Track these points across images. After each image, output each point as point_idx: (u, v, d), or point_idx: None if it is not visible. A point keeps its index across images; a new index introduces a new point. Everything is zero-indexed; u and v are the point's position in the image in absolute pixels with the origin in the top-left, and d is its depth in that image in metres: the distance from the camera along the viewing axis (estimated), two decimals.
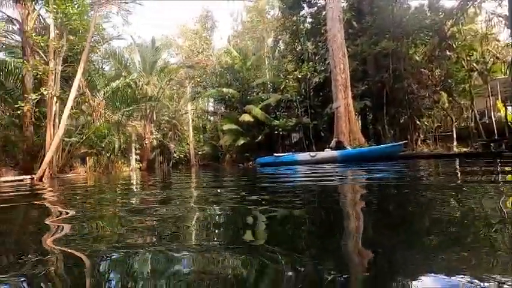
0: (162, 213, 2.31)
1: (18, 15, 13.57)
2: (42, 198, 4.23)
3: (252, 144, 19.28)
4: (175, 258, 1.23)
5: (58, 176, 11.85)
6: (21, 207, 3.40)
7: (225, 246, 1.38)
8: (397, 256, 1.15)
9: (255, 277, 1.00)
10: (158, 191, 4.54)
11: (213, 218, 2.06)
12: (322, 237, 1.45)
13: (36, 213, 2.91)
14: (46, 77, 12.05)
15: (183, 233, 1.73)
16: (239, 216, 2.08)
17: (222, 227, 1.86)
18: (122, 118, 18.26)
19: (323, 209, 2.21)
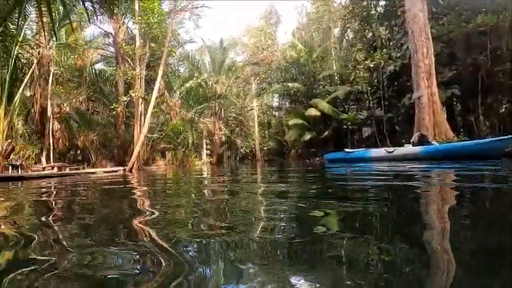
0: (231, 204, 2.33)
1: (112, 29, 15.80)
2: (132, 185, 4.80)
3: (318, 139, 18.67)
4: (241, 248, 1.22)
5: (143, 168, 13.48)
6: (118, 192, 3.89)
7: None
8: None
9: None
10: (227, 183, 4.69)
11: (281, 212, 1.96)
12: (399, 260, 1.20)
13: (127, 196, 3.29)
14: (133, 81, 13.75)
15: (252, 223, 1.69)
16: (307, 212, 1.93)
17: (290, 221, 1.74)
18: (195, 116, 19.71)
19: (405, 216, 1.89)
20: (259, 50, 28.22)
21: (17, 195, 4.07)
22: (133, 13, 13.99)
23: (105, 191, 4.38)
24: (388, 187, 3.24)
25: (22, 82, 10.49)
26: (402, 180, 3.91)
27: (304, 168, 9.08)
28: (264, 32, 29.65)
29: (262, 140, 29.19)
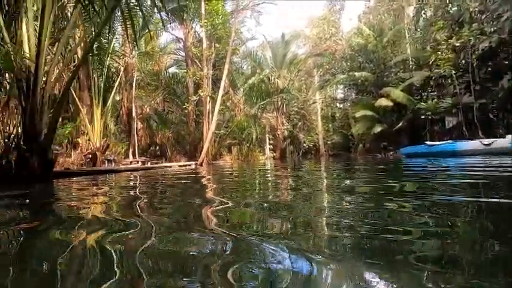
0: (293, 200, 2.22)
1: (182, 35, 17.13)
2: (204, 178, 5.10)
3: (390, 131, 17.06)
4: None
5: (212, 162, 14.33)
6: (192, 182, 4.17)
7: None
8: None
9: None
10: (292, 177, 4.58)
11: (351, 210, 1.76)
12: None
13: (200, 187, 3.48)
14: (201, 81, 14.66)
15: (315, 223, 1.56)
16: (382, 213, 1.69)
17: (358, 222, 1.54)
18: (258, 111, 20.08)
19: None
20: (322, 41, 27.10)
21: (112, 184, 4.71)
22: (200, 17, 14.88)
23: (181, 182, 4.74)
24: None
25: (113, 88, 12.17)
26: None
27: (376, 163, 8.37)
28: (327, 21, 28.29)
29: (326, 134, 28.12)
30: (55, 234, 1.58)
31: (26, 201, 3.20)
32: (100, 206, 2.49)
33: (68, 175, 7.25)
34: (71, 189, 4.20)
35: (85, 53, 8.03)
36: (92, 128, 10.76)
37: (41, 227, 1.76)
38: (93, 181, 5.61)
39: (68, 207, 2.55)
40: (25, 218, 2.22)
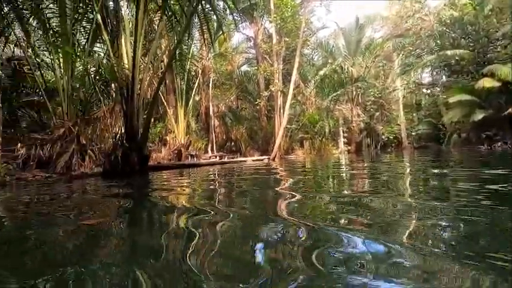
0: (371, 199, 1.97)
1: (252, 33, 17.58)
2: (276, 172, 5.14)
3: (496, 118, 14.14)
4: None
5: (284, 157, 14.40)
6: (266, 176, 4.23)
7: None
8: None
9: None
10: (368, 173, 4.18)
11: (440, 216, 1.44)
12: None
13: (274, 180, 3.50)
14: (272, 77, 14.80)
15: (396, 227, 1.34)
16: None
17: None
18: (330, 103, 19.24)
19: None
20: (403, 20, 24.16)
21: (196, 176, 5.16)
22: (269, 12, 14.98)
23: (256, 175, 4.87)
24: None
25: (193, 90, 13.34)
26: None
27: (482, 156, 7.04)
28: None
29: (410, 124, 25.15)
30: (152, 214, 1.80)
31: (130, 188, 3.76)
32: (186, 194, 2.74)
33: (160, 168, 8.29)
34: (163, 180, 4.76)
35: (170, 60, 8.99)
36: (177, 126, 12.04)
37: (138, 208, 2.02)
38: (180, 174, 6.26)
39: (161, 196, 2.87)
40: (128, 201, 2.60)
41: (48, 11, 8.38)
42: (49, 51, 8.71)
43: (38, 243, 1.45)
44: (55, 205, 2.84)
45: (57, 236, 1.56)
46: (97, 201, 2.98)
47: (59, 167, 7.62)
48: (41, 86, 8.31)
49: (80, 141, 8.21)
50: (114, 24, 7.84)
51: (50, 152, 7.65)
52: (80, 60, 8.74)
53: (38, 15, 8.16)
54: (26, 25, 8.22)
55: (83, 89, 8.97)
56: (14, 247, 1.44)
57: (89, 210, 2.37)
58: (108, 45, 6.62)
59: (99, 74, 9.36)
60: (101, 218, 2.04)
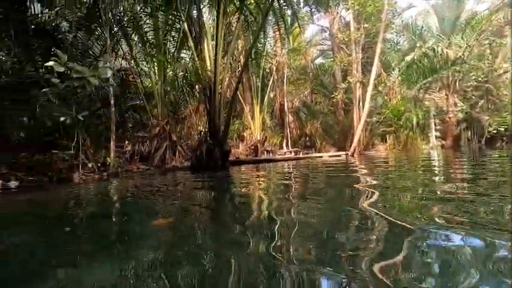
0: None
1: (327, 23, 16.81)
2: (357, 169, 4.77)
3: None
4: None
5: (364, 152, 13.40)
6: (344, 172, 3.97)
7: None
8: None
9: None
10: (471, 173, 3.46)
11: None
12: None
13: (353, 177, 3.23)
14: (350, 67, 13.89)
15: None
16: None
17: None
18: (419, 92, 16.99)
19: None
20: None
21: (272, 170, 5.23)
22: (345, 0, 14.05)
23: (333, 171, 4.63)
24: None
25: (267, 87, 13.59)
26: None
27: None
28: None
29: None
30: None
31: (215, 181, 4.04)
32: (262, 188, 2.77)
33: (238, 163, 8.72)
34: (242, 174, 4.97)
35: (246, 59, 9.32)
36: (253, 123, 12.46)
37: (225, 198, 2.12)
38: (257, 168, 6.45)
39: (242, 192, 2.97)
40: (215, 192, 2.78)
41: (146, 26, 9.70)
42: (146, 61, 10.10)
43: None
44: (160, 189, 3.28)
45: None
46: (187, 191, 3.31)
47: (155, 160, 8.81)
48: (141, 91, 9.71)
49: (172, 138, 9.30)
50: (197, 31, 8.56)
51: (148, 148, 8.90)
52: (170, 67, 9.87)
53: (138, 31, 9.53)
54: (129, 40, 9.68)
55: (173, 92, 10.10)
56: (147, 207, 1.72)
57: (181, 197, 2.63)
58: (193, 50, 7.25)
59: (186, 78, 10.38)
60: (190, 203, 2.25)
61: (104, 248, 1.35)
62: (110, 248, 1.35)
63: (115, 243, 1.43)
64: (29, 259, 1.29)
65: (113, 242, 1.46)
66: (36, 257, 1.29)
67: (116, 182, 5.26)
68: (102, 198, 3.45)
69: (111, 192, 4.01)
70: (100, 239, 1.51)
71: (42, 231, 1.79)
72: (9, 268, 1.19)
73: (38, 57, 8.28)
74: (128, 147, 8.44)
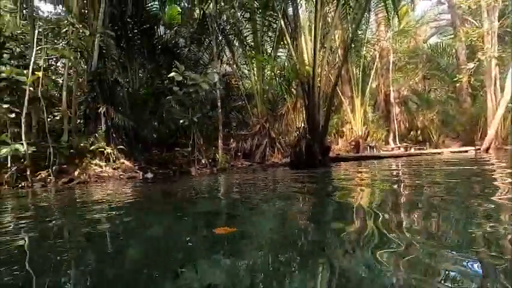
0: None
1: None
2: (499, 169, 3.70)
3: None
4: None
5: (503, 147, 10.56)
6: (475, 173, 3.12)
7: None
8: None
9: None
10: None
11: None
12: None
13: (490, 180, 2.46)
14: (480, 42, 11.18)
15: None
16: None
17: None
18: None
19: None
20: None
21: (378, 169, 4.67)
22: None
23: (461, 172, 3.75)
24: None
25: (369, 77, 12.39)
26: None
27: None
28: None
29: None
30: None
31: (313, 178, 3.89)
32: (368, 194, 2.43)
33: (339, 160, 8.26)
34: (346, 172, 4.63)
35: (345, 49, 8.72)
36: (354, 117, 11.60)
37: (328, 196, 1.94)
38: (360, 165, 5.92)
39: (343, 194, 2.71)
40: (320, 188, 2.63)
41: (245, 31, 10.35)
42: (246, 64, 10.77)
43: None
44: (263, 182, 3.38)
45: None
46: (287, 186, 3.28)
47: (256, 157, 9.29)
48: (243, 92, 10.41)
49: (271, 135, 9.62)
50: (292, 28, 8.54)
51: (250, 145, 9.47)
52: (267, 66, 10.23)
53: (239, 36, 10.25)
54: (232, 47, 10.52)
55: (271, 91, 10.42)
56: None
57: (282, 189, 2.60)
58: (290, 47, 7.25)
59: (283, 76, 10.54)
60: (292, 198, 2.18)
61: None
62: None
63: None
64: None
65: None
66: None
67: (225, 176, 5.76)
68: (217, 187, 3.83)
69: (224, 183, 4.40)
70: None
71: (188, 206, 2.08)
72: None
73: (163, 71, 9.97)
74: (233, 144, 9.17)
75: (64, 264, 1.20)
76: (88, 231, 1.75)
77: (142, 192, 3.92)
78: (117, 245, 1.48)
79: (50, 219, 2.30)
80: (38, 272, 1.12)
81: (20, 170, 5.27)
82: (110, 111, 6.33)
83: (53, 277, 1.06)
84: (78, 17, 6.35)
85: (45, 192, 4.33)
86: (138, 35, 8.89)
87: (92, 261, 1.24)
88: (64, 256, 1.30)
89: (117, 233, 1.72)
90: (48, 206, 3.10)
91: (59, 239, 1.68)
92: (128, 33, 8.64)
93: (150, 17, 9.09)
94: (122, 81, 8.00)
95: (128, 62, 8.23)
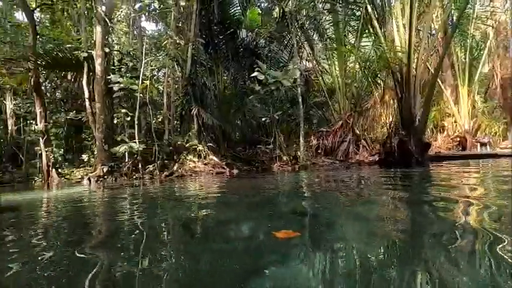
0: None
1: None
2: None
3: None
4: None
5: None
6: None
7: None
8: None
9: None
10: None
11: None
12: None
13: None
14: None
15: None
16: None
17: None
18: None
19: None
20: None
21: (490, 172, 3.78)
22: None
23: None
24: None
25: (478, 60, 10.29)
26: None
27: None
28: None
29: None
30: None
31: (411, 179, 3.40)
32: (485, 208, 1.92)
33: (439, 159, 7.13)
34: (449, 175, 3.94)
35: (448, 31, 7.43)
36: (458, 109, 9.85)
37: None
38: (470, 167, 4.96)
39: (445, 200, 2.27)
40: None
41: (325, 23, 9.94)
42: (327, 58, 10.34)
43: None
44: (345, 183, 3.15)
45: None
46: (375, 188, 2.94)
47: (339, 154, 8.83)
48: (323, 88, 10.04)
49: (355, 132, 9.00)
50: (380, 12, 7.76)
51: (332, 142, 9.06)
52: (350, 58, 9.60)
53: (319, 30, 9.91)
54: (311, 41, 10.26)
55: (354, 84, 9.75)
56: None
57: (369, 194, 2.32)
58: (378, 33, 6.61)
59: (367, 67, 9.72)
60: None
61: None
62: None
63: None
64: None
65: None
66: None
67: (306, 174, 5.64)
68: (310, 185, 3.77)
69: (306, 181, 4.31)
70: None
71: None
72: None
73: (245, 72, 10.45)
74: (313, 141, 8.94)
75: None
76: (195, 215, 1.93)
77: (232, 186, 4.16)
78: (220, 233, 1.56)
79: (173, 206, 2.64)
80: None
81: (133, 164, 6.31)
82: (201, 112, 6.96)
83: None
84: (175, 30, 7.20)
85: (155, 183, 5.04)
86: (223, 40, 9.52)
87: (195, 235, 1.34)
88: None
89: (222, 220, 1.84)
90: (164, 194, 3.58)
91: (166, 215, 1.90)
92: (214, 40, 9.35)
93: (233, 22, 9.62)
94: (209, 84, 8.74)
95: (214, 66, 8.91)
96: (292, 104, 10.02)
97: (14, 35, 9.21)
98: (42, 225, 2.02)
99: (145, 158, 6.34)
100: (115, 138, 6.48)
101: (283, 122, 8.67)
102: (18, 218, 2.43)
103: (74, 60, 7.65)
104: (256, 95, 7.84)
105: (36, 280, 0.96)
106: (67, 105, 10.54)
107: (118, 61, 7.96)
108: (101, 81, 6.59)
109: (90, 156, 7.35)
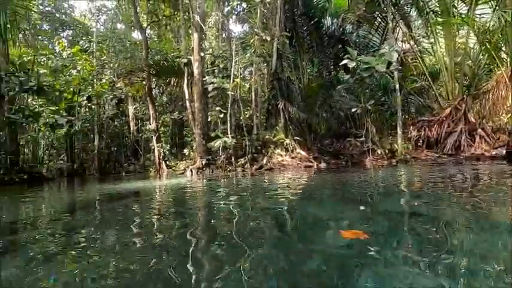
0: None
1: None
2: None
3: None
4: None
5: None
6: None
7: None
8: None
9: None
10: None
11: None
12: None
13: None
14: None
15: None
16: None
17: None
18: None
19: None
20: None
21: None
22: None
23: None
24: None
25: None
26: None
27: None
28: None
29: None
30: None
31: None
32: None
33: None
34: None
35: None
36: None
37: None
38: None
39: None
40: None
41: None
42: (428, 35, 8.89)
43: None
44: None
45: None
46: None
47: (447, 147, 7.53)
48: (424, 71, 8.69)
49: (468, 120, 7.51)
50: None
51: (437, 133, 7.78)
52: (460, 30, 8.02)
53: (418, 4, 8.59)
54: (407, 19, 9.01)
55: (467, 63, 8.13)
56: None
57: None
58: None
59: (487, 40, 7.92)
60: None
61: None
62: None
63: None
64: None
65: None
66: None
67: (406, 169, 4.99)
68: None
69: (406, 178, 3.81)
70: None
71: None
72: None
73: (330, 61, 9.97)
74: (413, 132, 7.89)
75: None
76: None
77: (323, 180, 4.03)
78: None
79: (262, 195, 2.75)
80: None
81: (226, 157, 6.82)
82: (287, 106, 6.98)
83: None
84: (261, 27, 7.40)
85: (247, 176, 5.33)
86: (307, 31, 9.31)
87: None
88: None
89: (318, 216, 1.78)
90: (256, 185, 3.76)
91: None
92: (298, 32, 9.21)
93: (317, 11, 9.27)
94: (293, 78, 8.68)
95: (298, 58, 8.80)
96: (384, 91, 9.05)
97: (132, 51, 11.15)
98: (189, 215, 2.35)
99: (236, 152, 6.77)
100: (209, 134, 7.14)
101: (375, 112, 7.92)
102: (161, 202, 2.90)
103: (176, 67, 8.78)
104: (344, 84, 7.38)
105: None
106: (171, 106, 12.20)
107: (211, 63, 8.72)
108: (198, 83, 7.34)
109: (190, 150, 8.31)
